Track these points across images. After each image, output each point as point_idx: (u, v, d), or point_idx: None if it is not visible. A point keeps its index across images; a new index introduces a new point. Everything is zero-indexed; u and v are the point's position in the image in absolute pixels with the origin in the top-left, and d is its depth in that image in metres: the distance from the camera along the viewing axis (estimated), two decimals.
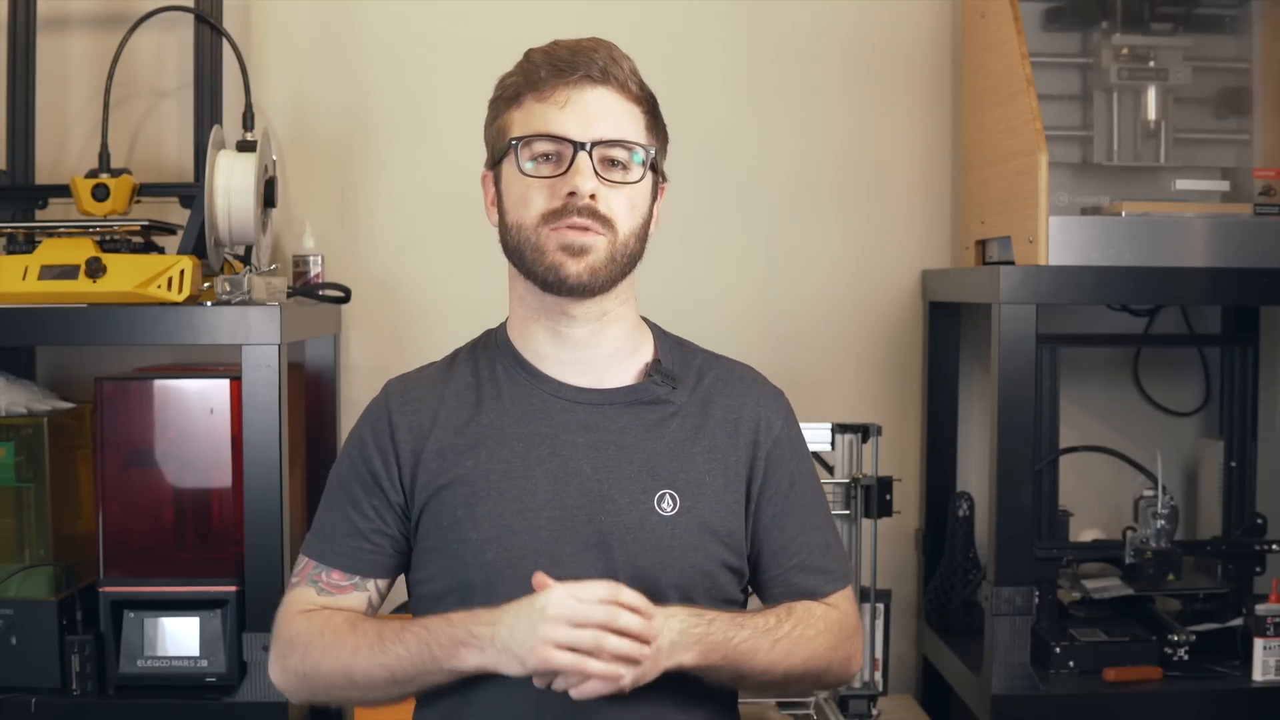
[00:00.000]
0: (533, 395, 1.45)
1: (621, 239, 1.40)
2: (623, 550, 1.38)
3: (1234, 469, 2.45)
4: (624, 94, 1.42)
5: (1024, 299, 2.13)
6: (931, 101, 2.64)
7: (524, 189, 1.40)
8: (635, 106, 1.43)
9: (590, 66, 1.39)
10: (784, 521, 1.47)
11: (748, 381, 1.52)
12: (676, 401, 1.46)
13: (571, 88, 1.39)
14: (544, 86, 1.40)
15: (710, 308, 2.56)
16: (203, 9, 2.37)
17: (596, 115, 1.39)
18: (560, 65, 1.40)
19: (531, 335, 1.46)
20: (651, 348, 1.50)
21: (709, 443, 1.45)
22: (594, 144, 1.38)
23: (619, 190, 1.40)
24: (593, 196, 1.38)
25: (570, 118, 1.39)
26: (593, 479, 1.40)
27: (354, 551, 1.45)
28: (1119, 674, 2.17)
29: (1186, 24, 2.37)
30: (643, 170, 1.42)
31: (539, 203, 1.39)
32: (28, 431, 2.17)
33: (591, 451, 1.41)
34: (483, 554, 1.38)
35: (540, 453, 1.41)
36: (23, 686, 2.11)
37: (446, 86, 2.54)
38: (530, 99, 1.41)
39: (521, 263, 1.42)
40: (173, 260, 2.12)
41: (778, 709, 2.24)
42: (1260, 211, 2.23)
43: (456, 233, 2.55)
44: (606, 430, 1.42)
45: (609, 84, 1.41)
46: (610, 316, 1.45)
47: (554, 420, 1.43)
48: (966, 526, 2.48)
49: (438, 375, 1.51)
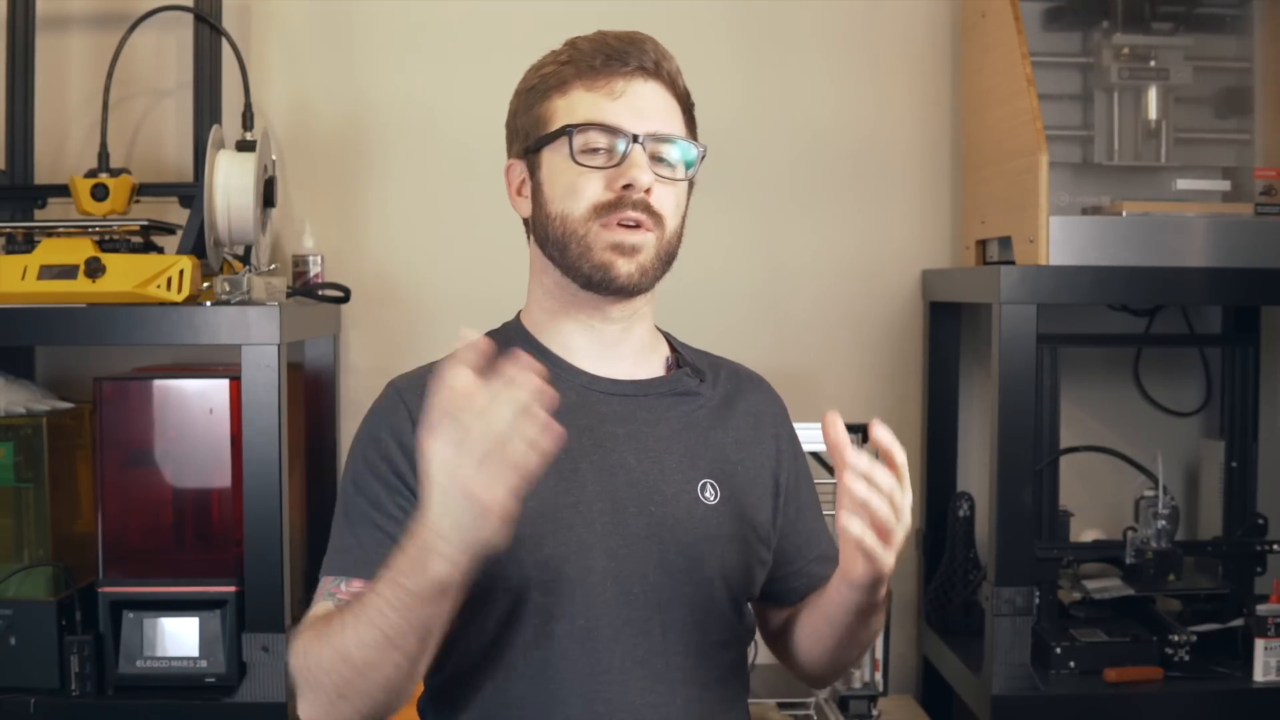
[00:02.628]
0: (565, 388, 1.36)
1: (669, 236, 1.38)
2: (674, 540, 1.35)
3: (1235, 469, 2.45)
4: (671, 90, 1.40)
5: (1024, 299, 2.13)
6: (932, 101, 2.64)
7: (573, 178, 1.35)
8: (679, 105, 1.41)
9: (644, 58, 1.37)
10: (804, 515, 1.50)
11: (755, 381, 1.53)
12: (705, 394, 1.45)
13: (625, 79, 1.36)
14: (596, 75, 1.36)
15: (710, 307, 2.56)
16: (202, 8, 2.37)
17: (650, 108, 1.37)
18: (612, 54, 1.36)
19: (560, 329, 1.42)
20: (667, 345, 1.50)
21: (737, 435, 1.45)
22: (648, 137, 1.35)
23: (669, 186, 1.38)
24: (647, 191, 1.34)
25: (624, 109, 1.35)
26: (638, 470, 1.37)
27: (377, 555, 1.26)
28: (1120, 674, 2.17)
29: (1187, 23, 2.37)
30: (687, 170, 1.40)
31: (591, 193, 1.34)
32: (27, 431, 2.17)
33: (633, 442, 1.38)
34: (539, 549, 1.31)
35: (583, 445, 1.36)
36: (22, 687, 2.11)
37: (446, 86, 2.54)
38: (579, 87, 1.37)
39: (563, 256, 1.36)
40: (172, 260, 2.11)
41: (778, 709, 2.23)
42: (1261, 211, 2.23)
43: (456, 232, 2.55)
44: (644, 421, 1.40)
45: (660, 78, 1.38)
46: (638, 316, 1.43)
47: (591, 413, 1.39)
48: (967, 527, 2.48)
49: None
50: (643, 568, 1.34)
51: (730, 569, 1.39)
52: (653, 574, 1.34)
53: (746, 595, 1.43)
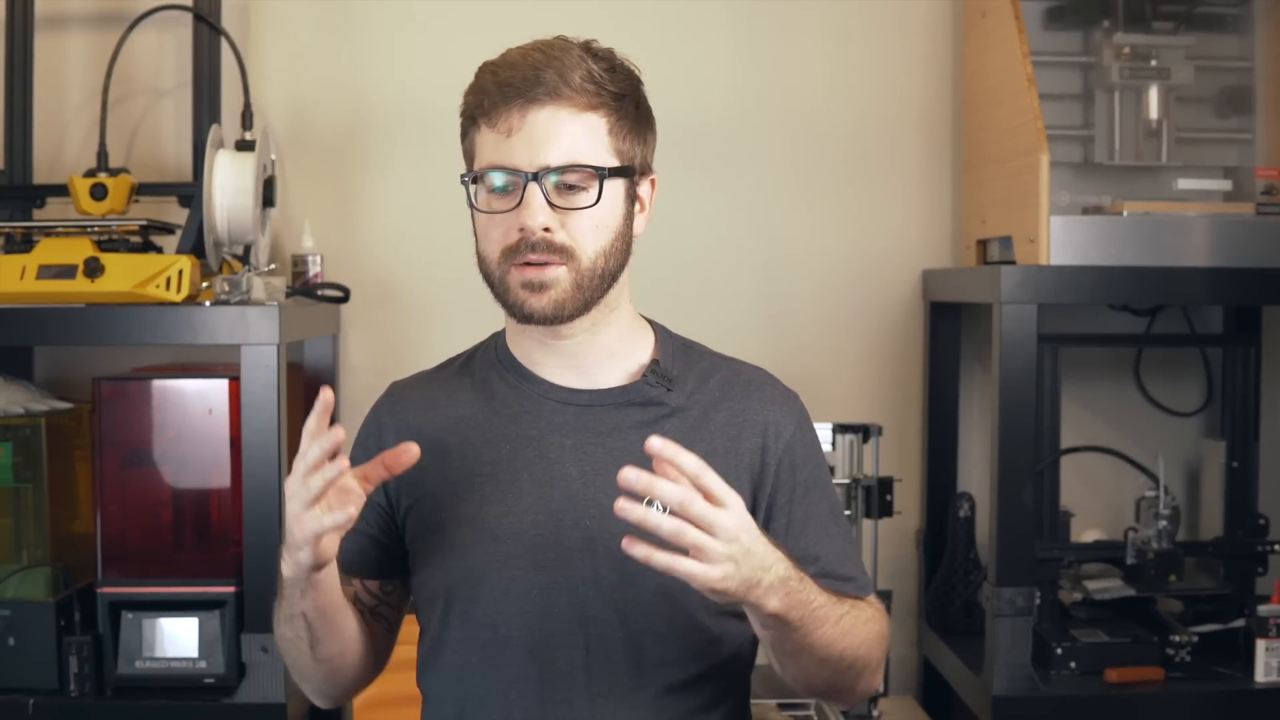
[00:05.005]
0: (523, 397, 1.42)
1: (587, 264, 1.34)
2: (609, 555, 1.33)
3: (1236, 469, 2.45)
4: (578, 106, 1.34)
5: (1025, 299, 2.13)
6: (932, 100, 2.63)
7: (484, 223, 1.38)
8: (594, 114, 1.35)
9: (535, 86, 1.33)
10: (800, 529, 1.41)
11: (757, 385, 1.46)
12: (671, 403, 1.41)
13: (517, 111, 1.33)
14: (493, 112, 1.35)
15: (710, 307, 2.56)
16: (201, 8, 2.36)
17: (546, 139, 1.33)
18: (505, 86, 1.34)
19: (522, 343, 1.44)
20: (651, 349, 1.45)
21: (707, 446, 1.38)
22: (544, 171, 1.32)
23: (577, 215, 1.34)
24: (547, 229, 1.32)
25: (518, 146, 1.33)
26: (579, 482, 1.37)
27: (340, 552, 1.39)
28: (1120, 675, 2.17)
29: (1188, 23, 2.37)
30: (597, 193, 1.34)
31: (496, 237, 1.36)
32: (26, 432, 2.17)
33: (579, 454, 1.38)
34: (465, 558, 1.37)
35: (527, 455, 1.38)
36: (21, 688, 2.10)
37: (446, 85, 2.51)
38: (484, 124, 1.37)
39: (493, 292, 1.39)
40: (171, 260, 2.11)
41: (778, 709, 2.23)
42: (1262, 211, 2.23)
43: (456, 232, 2.51)
44: (595, 432, 1.39)
45: (558, 99, 1.33)
46: (600, 325, 1.41)
47: (541, 422, 1.40)
48: (967, 527, 2.48)
49: (433, 378, 1.50)
50: (571, 581, 1.33)
51: (677, 586, 1.28)
52: (582, 588, 1.34)
53: (716, 610, 1.34)
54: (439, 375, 1.50)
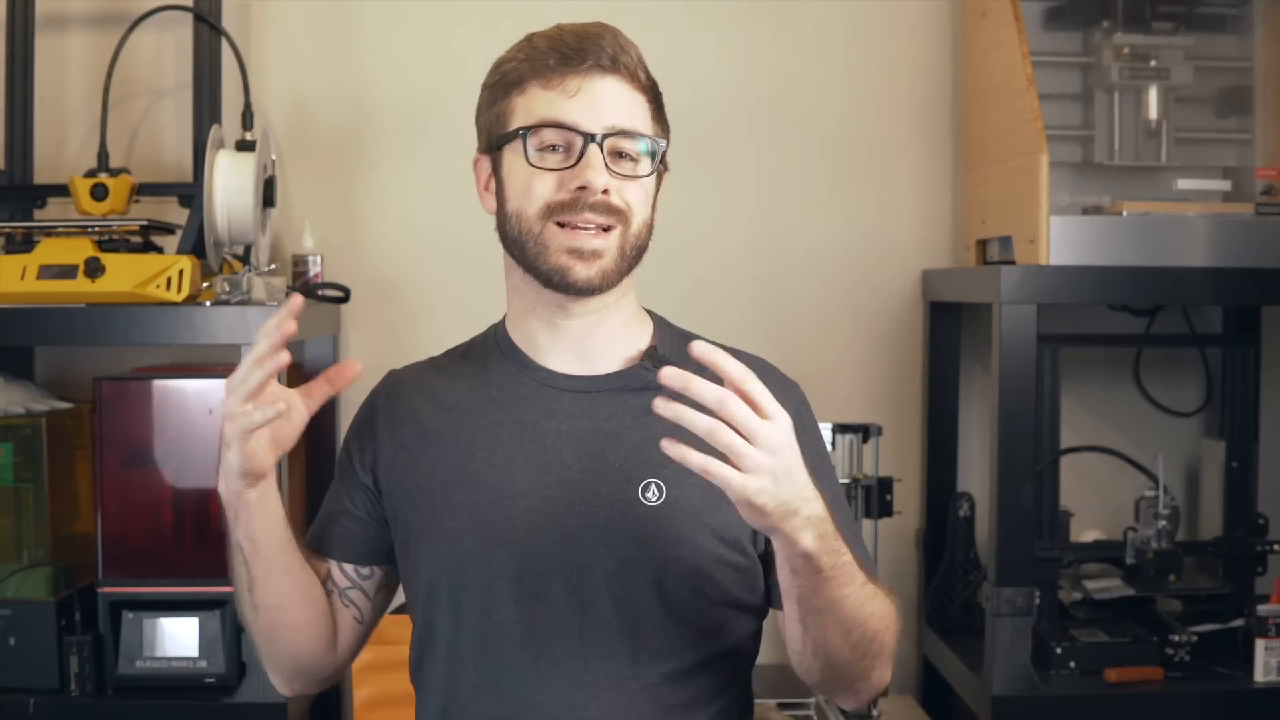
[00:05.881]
0: (520, 383, 1.41)
1: (634, 230, 1.36)
2: (603, 542, 1.33)
3: (1235, 469, 2.45)
4: (633, 83, 1.37)
5: (1025, 299, 2.13)
6: (932, 101, 2.63)
7: (526, 178, 1.35)
8: (642, 96, 1.38)
9: (600, 54, 1.35)
10: None
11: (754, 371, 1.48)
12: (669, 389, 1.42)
13: (581, 76, 1.35)
14: (551, 74, 1.35)
15: (710, 306, 2.56)
16: (201, 8, 2.36)
17: (607, 105, 1.34)
18: (568, 53, 1.35)
19: (526, 326, 1.43)
20: (650, 337, 1.46)
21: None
22: (605, 135, 1.34)
23: (631, 181, 1.36)
24: (606, 191, 1.33)
25: (580, 107, 1.34)
26: (574, 468, 1.36)
27: (320, 530, 1.46)
28: (1120, 675, 2.17)
29: (1188, 23, 2.37)
30: (651, 164, 1.37)
31: (544, 192, 1.34)
32: (26, 432, 2.17)
33: (574, 440, 1.37)
34: (459, 544, 1.35)
35: (522, 441, 1.38)
36: (21, 687, 2.11)
37: (446, 85, 2.53)
38: (536, 86, 1.36)
39: (522, 255, 1.37)
40: (171, 260, 2.11)
41: (778, 709, 2.23)
42: (1262, 211, 2.23)
43: (456, 232, 2.54)
44: (592, 418, 1.38)
45: (618, 73, 1.36)
46: (609, 308, 1.41)
47: (538, 408, 1.39)
48: (967, 527, 2.48)
49: (431, 365, 1.50)
50: (564, 569, 1.32)
51: (673, 573, 1.33)
52: (575, 575, 1.33)
53: (716, 599, 1.36)
54: (437, 363, 1.50)
